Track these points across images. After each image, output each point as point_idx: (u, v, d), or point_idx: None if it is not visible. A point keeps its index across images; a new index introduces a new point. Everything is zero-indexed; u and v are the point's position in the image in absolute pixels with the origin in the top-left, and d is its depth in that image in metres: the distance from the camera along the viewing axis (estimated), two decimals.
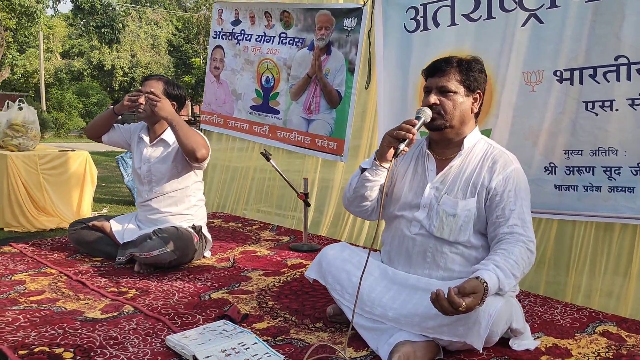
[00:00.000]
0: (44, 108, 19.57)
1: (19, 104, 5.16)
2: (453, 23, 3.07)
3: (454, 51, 2.82)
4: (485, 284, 1.45)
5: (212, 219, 3.65)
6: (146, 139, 2.70)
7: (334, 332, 1.85)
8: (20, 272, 2.38)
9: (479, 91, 1.82)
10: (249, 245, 3.02)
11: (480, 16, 2.94)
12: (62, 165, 5.07)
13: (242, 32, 4.39)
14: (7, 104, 5.23)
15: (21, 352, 1.59)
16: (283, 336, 1.80)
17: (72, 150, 5.26)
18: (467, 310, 1.41)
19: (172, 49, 31.92)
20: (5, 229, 4.69)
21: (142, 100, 2.58)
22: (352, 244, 2.96)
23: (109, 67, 27.81)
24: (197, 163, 2.56)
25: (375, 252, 1.99)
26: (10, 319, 1.84)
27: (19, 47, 29.19)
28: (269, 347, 1.68)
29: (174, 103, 2.66)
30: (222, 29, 4.54)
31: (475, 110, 1.83)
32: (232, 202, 4.37)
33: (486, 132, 2.91)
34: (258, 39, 4.28)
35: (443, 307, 1.42)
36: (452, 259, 1.74)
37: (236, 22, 4.43)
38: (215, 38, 4.61)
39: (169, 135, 2.63)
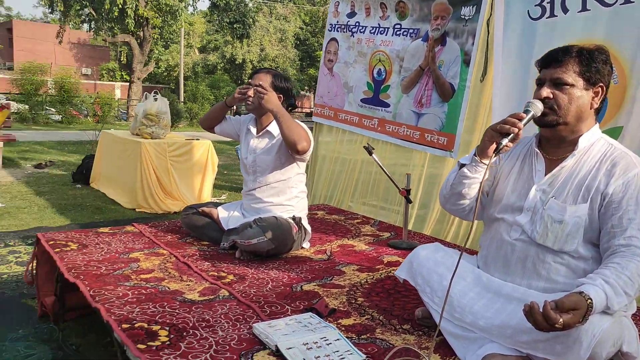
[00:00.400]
0: (181, 99, 21.24)
1: (154, 96, 5.64)
2: (584, 9, 2.79)
3: (583, 40, 2.55)
4: (589, 301, 1.29)
5: (316, 211, 3.69)
6: (253, 130, 2.80)
7: (421, 336, 1.77)
8: (137, 251, 2.59)
9: (601, 84, 1.61)
10: (348, 239, 3.00)
11: (616, 0, 2.63)
12: (187, 153, 5.46)
13: (357, 24, 4.37)
14: (145, 95, 5.74)
15: (124, 326, 1.72)
16: (368, 335, 1.76)
17: (196, 139, 5.63)
18: (564, 327, 1.27)
19: (298, 42, 32.95)
20: (137, 210, 5.18)
21: (250, 92, 2.67)
22: (454, 245, 2.83)
23: (240, 61, 29.45)
24: (298, 155, 2.59)
25: (471, 256, 1.87)
26: (121, 294, 2.01)
27: (164, 43, 32.03)
28: (351, 345, 1.65)
29: (281, 95, 2.72)
30: (337, 22, 4.56)
31: (596, 106, 1.63)
32: (339, 195, 4.40)
33: (616, 131, 2.61)
34: (372, 31, 4.23)
35: (537, 322, 1.29)
36: (556, 270, 1.57)
37: (352, 14, 4.42)
38: (330, 31, 4.65)
39: (274, 128, 2.70)
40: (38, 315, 2.72)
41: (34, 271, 2.68)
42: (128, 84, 21.40)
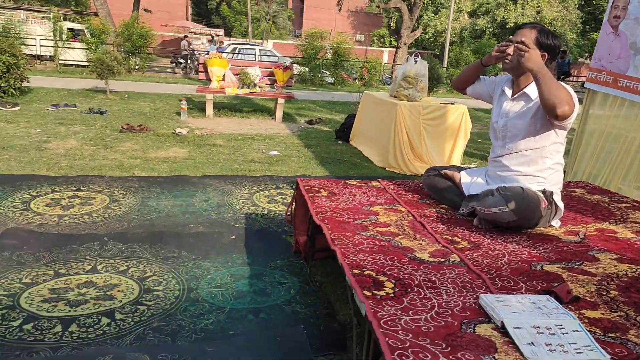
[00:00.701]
0: (444, 65, 21.07)
1: (414, 58, 5.72)
2: None
3: None
4: None
5: (575, 188, 3.26)
6: (508, 92, 2.58)
7: None
8: (378, 205, 2.69)
9: None
10: (610, 224, 2.58)
11: None
12: (441, 117, 5.42)
13: None
14: (407, 58, 5.86)
15: (355, 271, 1.82)
16: (617, 334, 1.50)
17: (451, 104, 5.53)
18: None
19: (583, 2, 29.25)
20: (387, 169, 5.39)
21: (510, 50, 2.46)
22: None
23: (511, 25, 27.61)
24: (557, 121, 2.30)
25: None
26: (357, 242, 2.12)
27: (434, 8, 32.07)
28: (593, 341, 1.42)
29: (545, 54, 2.43)
30: None
31: None
32: (607, 174, 3.81)
33: None
34: None
35: None
36: None
37: None
38: None
39: (532, 90, 2.44)
40: (293, 251, 3.10)
41: (293, 212, 3.04)
42: (395, 49, 22.16)
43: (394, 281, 1.76)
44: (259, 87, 8.47)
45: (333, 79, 18.32)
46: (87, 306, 2.35)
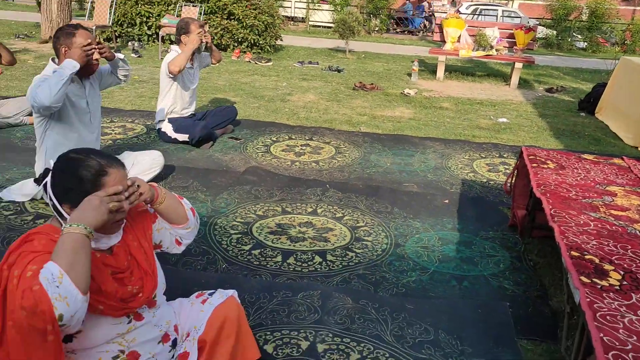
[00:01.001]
0: None
1: None
2: None
3: None
4: None
5: None
6: None
7: None
8: (617, 185, 2.33)
9: None
10: None
11: None
12: None
13: None
14: None
15: (574, 253, 1.63)
16: None
17: None
18: None
19: None
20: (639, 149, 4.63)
21: None
22: None
23: None
24: None
25: None
26: (582, 222, 1.88)
27: None
28: None
29: None
30: None
31: None
32: None
33: None
34: None
35: None
36: None
37: None
38: None
39: None
40: (508, 224, 2.92)
41: (513, 183, 2.84)
42: None
43: (622, 272, 1.53)
44: (496, 49, 7.96)
45: (585, 43, 16.21)
46: (304, 243, 2.59)
